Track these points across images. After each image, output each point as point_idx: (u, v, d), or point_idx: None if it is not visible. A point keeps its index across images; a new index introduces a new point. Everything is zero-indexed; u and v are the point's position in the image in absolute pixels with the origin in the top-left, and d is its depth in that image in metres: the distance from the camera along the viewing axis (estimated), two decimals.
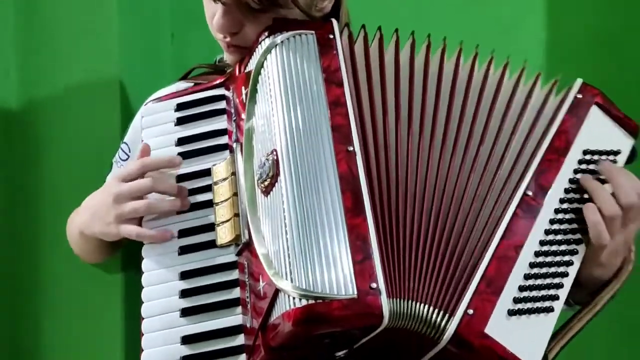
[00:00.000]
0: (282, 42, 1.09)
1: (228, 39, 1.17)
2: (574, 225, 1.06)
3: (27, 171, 1.56)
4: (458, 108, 1.10)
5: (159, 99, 1.20)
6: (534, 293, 1.00)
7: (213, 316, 1.02)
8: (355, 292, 0.91)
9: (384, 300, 0.91)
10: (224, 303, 1.02)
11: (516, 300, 0.99)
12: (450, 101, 1.10)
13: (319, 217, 0.96)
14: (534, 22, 1.57)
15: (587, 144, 1.11)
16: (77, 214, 1.24)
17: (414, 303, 0.96)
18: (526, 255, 1.01)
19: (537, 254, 1.02)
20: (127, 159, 1.29)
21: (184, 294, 1.04)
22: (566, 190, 1.07)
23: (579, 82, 1.15)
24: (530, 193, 1.05)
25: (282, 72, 1.07)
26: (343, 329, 0.92)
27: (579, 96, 1.13)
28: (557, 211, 1.05)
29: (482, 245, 1.01)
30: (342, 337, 0.93)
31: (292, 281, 0.93)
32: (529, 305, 0.99)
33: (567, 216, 1.06)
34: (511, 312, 0.98)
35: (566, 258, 1.04)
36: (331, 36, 1.10)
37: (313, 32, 1.10)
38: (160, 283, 1.06)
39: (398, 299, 0.95)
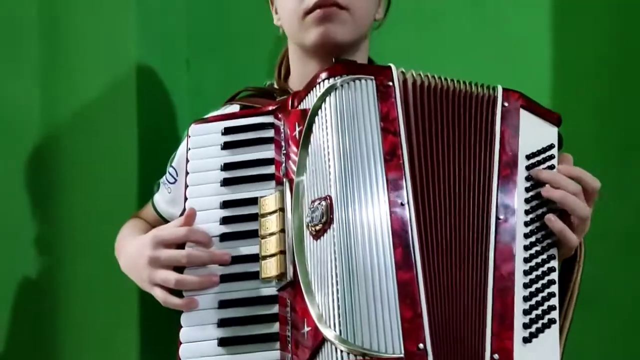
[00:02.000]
0: (341, 85, 1.08)
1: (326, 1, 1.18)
2: (544, 231, 1.07)
3: (50, 195, 1.58)
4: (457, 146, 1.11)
5: (206, 120, 1.19)
6: (536, 312, 1.02)
7: (251, 348, 1.03)
8: (403, 352, 0.93)
9: None
10: (263, 337, 1.03)
11: (525, 326, 1.01)
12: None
13: (371, 271, 0.97)
14: (541, 44, 1.57)
15: (526, 148, 1.11)
16: (122, 254, 1.26)
17: None
18: (518, 278, 1.03)
19: (526, 272, 1.04)
20: (174, 182, 1.30)
21: (223, 323, 1.05)
22: (526, 200, 1.08)
23: (500, 90, 1.15)
24: (502, 217, 1.06)
25: (339, 117, 1.06)
26: None
27: (506, 104, 1.13)
28: (526, 224, 1.07)
29: (481, 282, 1.03)
30: None
31: (340, 333, 0.94)
32: (536, 326, 1.02)
33: (536, 225, 1.07)
34: (526, 340, 1.01)
35: (549, 265, 1.06)
36: (390, 83, 1.09)
37: (373, 77, 1.09)
38: (199, 309, 1.07)
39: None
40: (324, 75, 1.09)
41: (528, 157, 1.11)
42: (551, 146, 1.13)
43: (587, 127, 1.50)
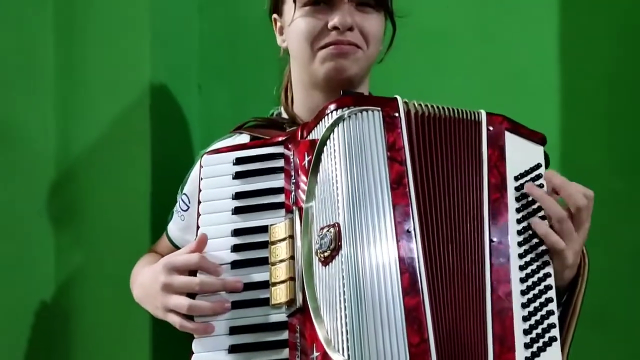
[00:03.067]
0: (349, 116, 1.10)
1: (343, 38, 1.21)
2: (538, 250, 1.09)
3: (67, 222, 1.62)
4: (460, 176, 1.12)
5: (218, 151, 1.21)
6: (536, 331, 1.04)
7: None
8: None
9: None
10: None
11: (527, 346, 1.03)
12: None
13: (378, 297, 0.99)
14: (548, 68, 1.59)
15: (514, 170, 1.13)
16: (136, 285, 1.28)
17: None
18: (516, 298, 1.05)
19: (523, 292, 1.06)
20: (187, 210, 1.33)
21: (234, 349, 1.06)
22: (518, 221, 1.10)
23: (483, 114, 1.16)
24: (495, 239, 1.07)
25: (347, 147, 1.08)
26: None
27: (490, 128, 1.14)
28: (520, 244, 1.08)
29: (481, 307, 1.04)
30: None
31: (348, 357, 0.97)
32: (537, 345, 1.03)
33: (529, 244, 1.09)
34: None
35: (546, 283, 1.07)
36: (396, 114, 1.11)
37: (379, 108, 1.11)
38: (210, 335, 1.08)
39: None
40: (332, 106, 1.12)
41: (516, 178, 1.13)
42: (538, 165, 1.15)
43: (596, 147, 1.52)
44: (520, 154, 1.14)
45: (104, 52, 1.61)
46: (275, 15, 1.33)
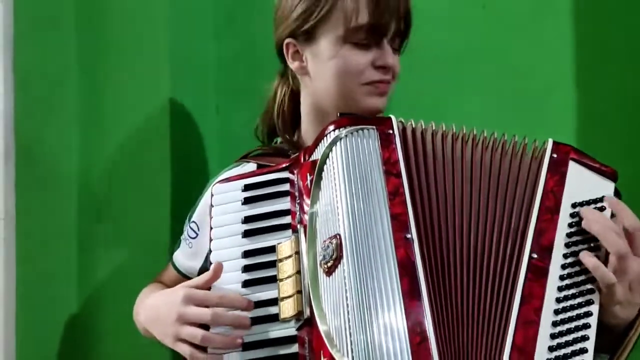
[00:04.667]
0: (346, 135, 1.17)
1: (388, 77, 1.28)
2: (583, 277, 1.10)
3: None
4: (484, 191, 1.16)
5: (228, 180, 1.27)
6: (564, 351, 1.05)
7: None
8: None
9: None
10: None
11: None
12: (480, 185, 1.17)
13: (379, 299, 1.03)
14: (564, 91, 1.59)
15: (574, 197, 1.15)
16: (144, 306, 1.30)
17: None
18: (547, 315, 1.06)
19: (557, 311, 1.07)
20: (196, 237, 1.37)
21: None
22: (567, 245, 1.11)
23: (550, 142, 1.19)
24: (535, 256, 1.10)
25: (345, 163, 1.14)
26: None
27: (555, 155, 1.18)
28: (563, 267, 1.10)
29: (504, 314, 1.06)
30: None
31: (353, 358, 1.01)
32: None
33: (574, 269, 1.10)
34: None
35: (584, 309, 1.08)
36: (390, 131, 1.18)
37: (374, 127, 1.18)
38: (223, 352, 1.13)
39: None
40: (331, 127, 1.19)
41: (574, 205, 1.14)
42: (602, 198, 1.15)
43: (615, 162, 1.50)
44: (585, 185, 1.16)
45: (125, 74, 1.66)
46: (291, 40, 1.33)
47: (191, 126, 1.70)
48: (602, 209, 1.14)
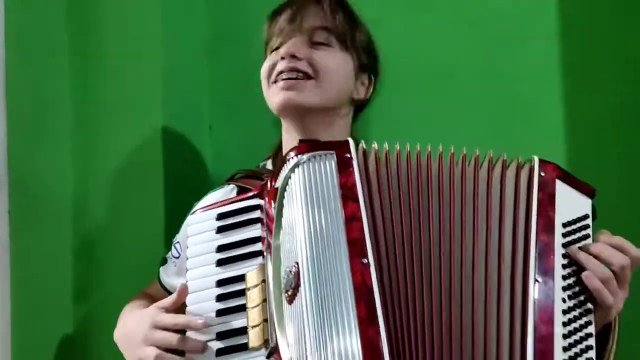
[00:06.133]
0: (305, 161, 1.16)
1: (291, 65, 1.34)
2: (582, 297, 1.11)
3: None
4: (458, 211, 1.14)
5: (203, 209, 1.29)
6: None
7: None
8: None
9: None
10: None
11: None
12: (451, 204, 1.15)
13: (335, 327, 1.03)
14: (551, 102, 1.60)
15: (563, 217, 1.15)
16: (118, 325, 1.34)
17: None
18: (558, 342, 1.06)
19: (565, 336, 1.07)
20: (179, 257, 1.41)
21: None
22: (563, 266, 1.12)
23: (536, 160, 1.19)
24: (540, 279, 1.10)
25: (304, 189, 1.14)
26: None
27: (542, 174, 1.18)
28: (564, 289, 1.10)
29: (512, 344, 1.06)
30: None
31: None
32: None
33: (574, 290, 1.11)
34: None
35: (587, 330, 1.09)
36: (348, 155, 1.17)
37: (333, 151, 1.17)
38: None
39: None
40: (291, 154, 1.19)
41: (564, 225, 1.15)
42: (586, 216, 1.17)
43: (603, 179, 1.51)
44: (570, 203, 1.17)
45: (118, 96, 1.67)
46: None
47: (184, 146, 1.70)
48: (586, 226, 1.15)
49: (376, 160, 1.18)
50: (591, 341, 1.08)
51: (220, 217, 1.25)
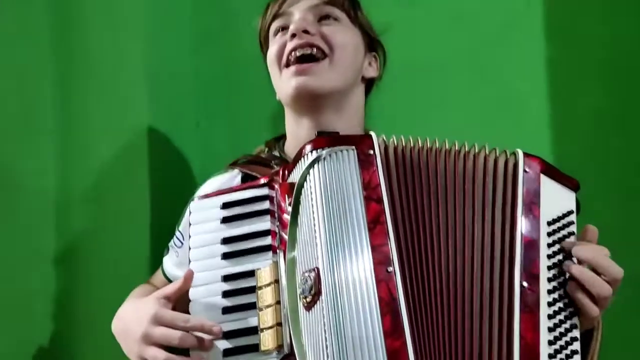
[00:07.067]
0: (324, 157, 1.09)
1: (301, 42, 1.27)
2: (566, 300, 1.08)
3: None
4: (469, 211, 1.10)
5: (207, 196, 1.21)
6: None
7: None
8: None
9: None
10: None
11: None
12: (464, 205, 1.11)
13: (360, 342, 0.98)
14: (538, 103, 1.59)
15: (548, 214, 1.11)
16: (118, 314, 1.26)
17: None
18: (544, 348, 1.03)
19: (550, 342, 1.04)
20: (181, 246, 1.32)
21: None
22: (549, 268, 1.08)
23: (520, 154, 1.14)
24: (525, 284, 1.05)
25: (323, 189, 1.07)
26: None
27: (527, 169, 1.12)
28: (549, 292, 1.07)
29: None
30: None
31: None
32: None
33: (558, 294, 1.08)
34: None
35: (572, 335, 1.06)
36: (371, 152, 1.10)
37: (354, 147, 1.10)
38: None
39: None
40: (308, 148, 1.12)
41: (549, 223, 1.11)
42: (571, 212, 1.14)
43: (588, 176, 1.54)
44: (554, 199, 1.13)
45: (102, 95, 1.63)
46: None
47: (171, 144, 1.67)
48: (571, 223, 1.12)
49: (396, 156, 1.12)
50: (576, 345, 1.05)
51: (226, 206, 1.18)
